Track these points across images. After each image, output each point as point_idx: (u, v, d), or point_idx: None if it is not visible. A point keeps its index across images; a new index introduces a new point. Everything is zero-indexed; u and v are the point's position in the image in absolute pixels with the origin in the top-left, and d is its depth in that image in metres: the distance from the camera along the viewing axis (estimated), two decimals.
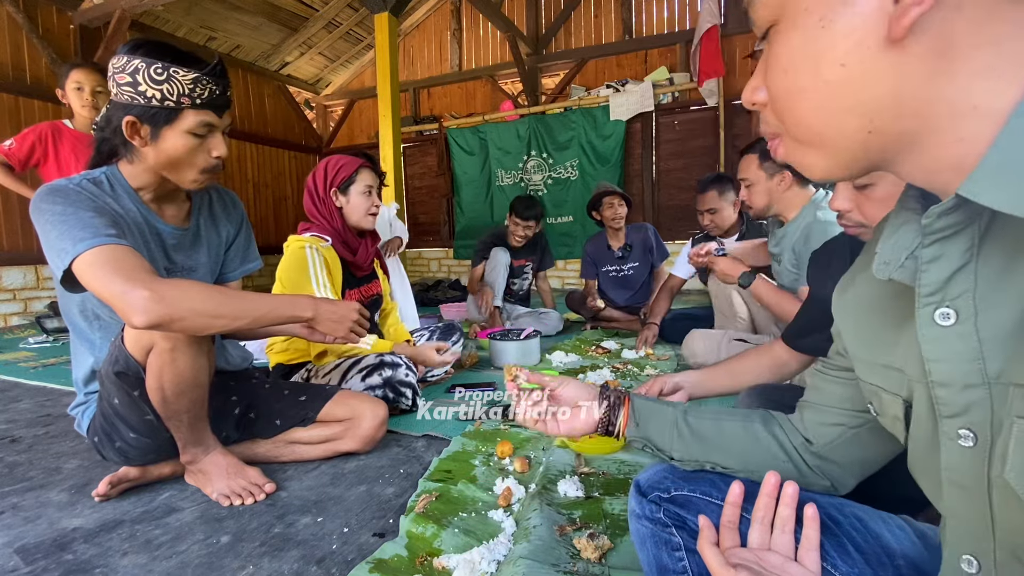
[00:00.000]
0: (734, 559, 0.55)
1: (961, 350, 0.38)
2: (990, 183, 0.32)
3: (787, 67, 0.39)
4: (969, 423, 0.38)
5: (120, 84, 1.07)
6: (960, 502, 0.41)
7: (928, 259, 0.39)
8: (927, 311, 0.40)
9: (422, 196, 7.02)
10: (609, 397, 0.74)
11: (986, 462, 0.38)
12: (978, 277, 0.37)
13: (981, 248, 0.37)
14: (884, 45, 0.34)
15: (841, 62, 0.35)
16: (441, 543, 0.97)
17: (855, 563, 0.57)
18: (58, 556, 0.99)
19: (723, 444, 0.68)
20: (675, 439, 0.69)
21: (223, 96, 1.14)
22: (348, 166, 1.84)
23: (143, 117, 1.09)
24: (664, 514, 0.66)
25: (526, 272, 3.42)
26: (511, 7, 6.53)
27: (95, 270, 0.96)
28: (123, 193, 1.17)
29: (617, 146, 5.75)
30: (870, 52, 0.34)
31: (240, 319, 1.05)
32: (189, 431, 1.18)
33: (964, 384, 0.38)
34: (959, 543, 0.43)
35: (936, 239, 0.38)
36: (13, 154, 2.42)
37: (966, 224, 0.37)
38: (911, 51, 0.33)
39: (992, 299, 0.36)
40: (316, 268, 1.69)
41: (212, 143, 1.15)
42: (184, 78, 1.07)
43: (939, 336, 0.39)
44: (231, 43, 6.14)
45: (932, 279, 0.39)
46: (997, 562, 0.39)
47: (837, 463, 0.63)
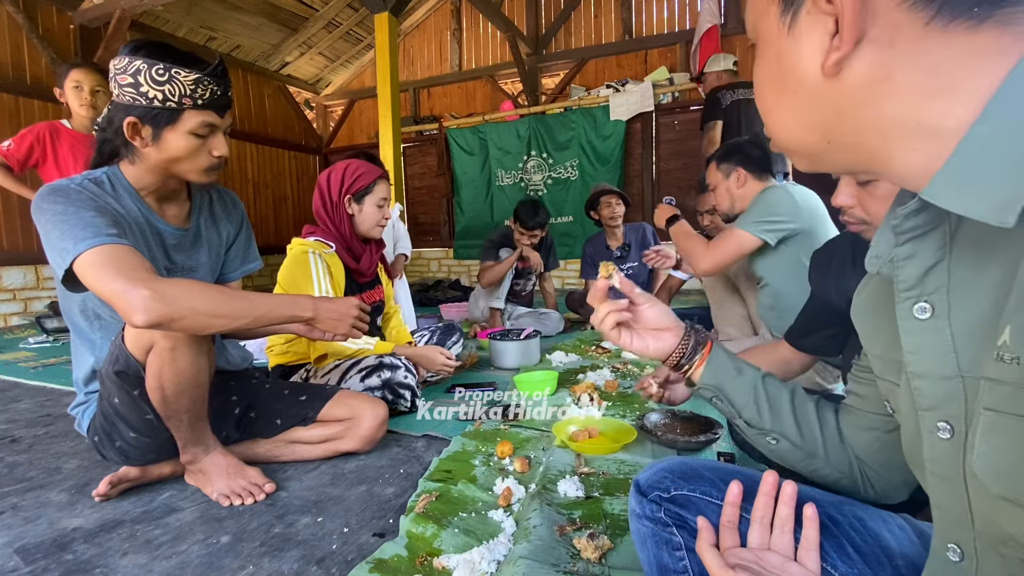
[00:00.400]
0: (733, 559, 0.55)
1: (936, 343, 0.40)
2: (947, 189, 0.35)
3: (760, 88, 0.45)
4: (946, 416, 0.40)
5: (122, 85, 1.07)
6: (942, 493, 0.43)
7: (904, 256, 0.42)
8: (906, 305, 0.43)
9: (422, 196, 7.02)
10: (694, 334, 0.71)
11: (961, 453, 0.39)
12: (951, 274, 0.40)
13: (953, 247, 0.40)
14: (824, 77, 0.38)
15: (793, 90, 0.41)
16: (441, 543, 0.97)
17: (854, 563, 0.57)
18: (58, 556, 0.99)
19: (797, 422, 0.67)
20: (750, 402, 0.68)
21: (224, 96, 1.14)
22: (367, 176, 1.81)
23: (144, 118, 1.09)
24: (665, 514, 0.66)
25: (530, 273, 3.41)
26: (511, 7, 6.53)
27: (96, 269, 0.96)
28: (124, 193, 1.18)
29: (617, 146, 5.75)
30: (814, 83, 0.39)
31: (240, 318, 1.05)
32: (189, 431, 1.18)
33: (939, 376, 0.40)
34: (944, 532, 0.44)
35: (908, 238, 0.42)
36: (11, 155, 2.42)
37: (936, 224, 0.41)
38: (849, 81, 0.38)
39: (964, 295, 0.39)
40: (318, 273, 1.68)
41: (213, 143, 1.15)
42: (186, 79, 1.07)
43: (916, 329, 0.42)
44: (231, 43, 6.14)
45: (908, 275, 0.42)
46: (978, 551, 0.41)
47: (878, 471, 0.63)
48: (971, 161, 0.34)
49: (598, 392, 1.82)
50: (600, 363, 2.34)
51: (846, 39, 0.36)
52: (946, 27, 0.34)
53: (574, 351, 2.60)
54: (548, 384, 1.88)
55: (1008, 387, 0.34)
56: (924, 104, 0.36)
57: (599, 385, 1.94)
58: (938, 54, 0.35)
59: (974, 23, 0.33)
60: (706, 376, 0.70)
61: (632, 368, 2.22)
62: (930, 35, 0.34)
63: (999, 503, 0.35)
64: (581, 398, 1.75)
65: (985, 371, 0.36)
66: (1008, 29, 0.33)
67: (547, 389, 1.87)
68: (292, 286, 1.68)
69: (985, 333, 0.37)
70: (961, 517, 0.41)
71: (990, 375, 0.35)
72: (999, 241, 0.37)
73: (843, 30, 0.36)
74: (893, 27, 0.35)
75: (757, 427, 0.68)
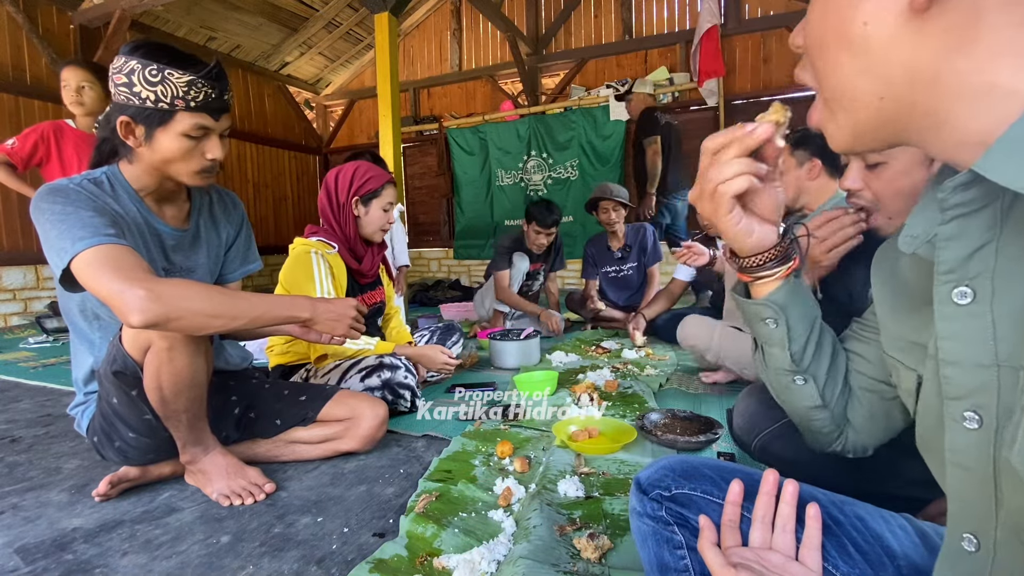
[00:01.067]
0: (735, 559, 0.55)
1: (974, 329, 0.38)
2: (1004, 160, 0.32)
3: (819, 17, 0.40)
4: (975, 405, 0.38)
5: (117, 84, 1.08)
6: (963, 483, 0.41)
7: (947, 236, 0.39)
8: (945, 289, 0.40)
9: (422, 196, 7.02)
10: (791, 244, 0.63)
11: (992, 444, 0.38)
12: (998, 257, 0.37)
13: (1003, 227, 0.37)
14: (907, 13, 0.34)
15: (864, 20, 0.36)
16: (441, 543, 0.97)
17: (856, 563, 0.57)
18: (58, 556, 0.99)
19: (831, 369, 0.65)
20: (804, 333, 0.64)
21: (220, 99, 1.12)
22: (376, 179, 1.82)
23: (137, 118, 1.09)
24: (666, 512, 0.66)
25: (539, 275, 3.41)
26: (511, 7, 6.52)
27: (93, 269, 0.96)
28: (123, 193, 1.17)
29: (617, 146, 5.75)
30: (892, 17, 0.35)
31: (238, 319, 1.05)
32: (188, 431, 1.18)
33: (974, 364, 0.38)
34: (961, 523, 0.43)
35: (956, 215, 0.38)
36: (15, 153, 2.41)
37: (986, 202, 0.37)
38: (934, 23, 0.33)
39: (1011, 280, 0.36)
40: (320, 273, 1.68)
41: (207, 145, 1.14)
42: (179, 80, 1.06)
43: (954, 314, 0.39)
44: (231, 43, 6.13)
45: (950, 256, 0.39)
46: (997, 541, 0.40)
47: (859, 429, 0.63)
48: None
49: (598, 392, 1.82)
50: (600, 363, 2.34)
51: None
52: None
53: (574, 351, 2.60)
54: (548, 384, 1.88)
55: None
56: (1004, 62, 0.32)
57: (599, 385, 1.94)
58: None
59: None
60: (780, 293, 0.64)
61: (632, 368, 2.22)
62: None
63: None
64: (581, 398, 1.75)
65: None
66: None
67: (547, 389, 1.87)
68: (294, 286, 1.68)
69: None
70: (983, 508, 0.40)
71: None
72: None
73: None
74: None
75: (797, 361, 0.65)
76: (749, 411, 1.12)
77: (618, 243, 3.24)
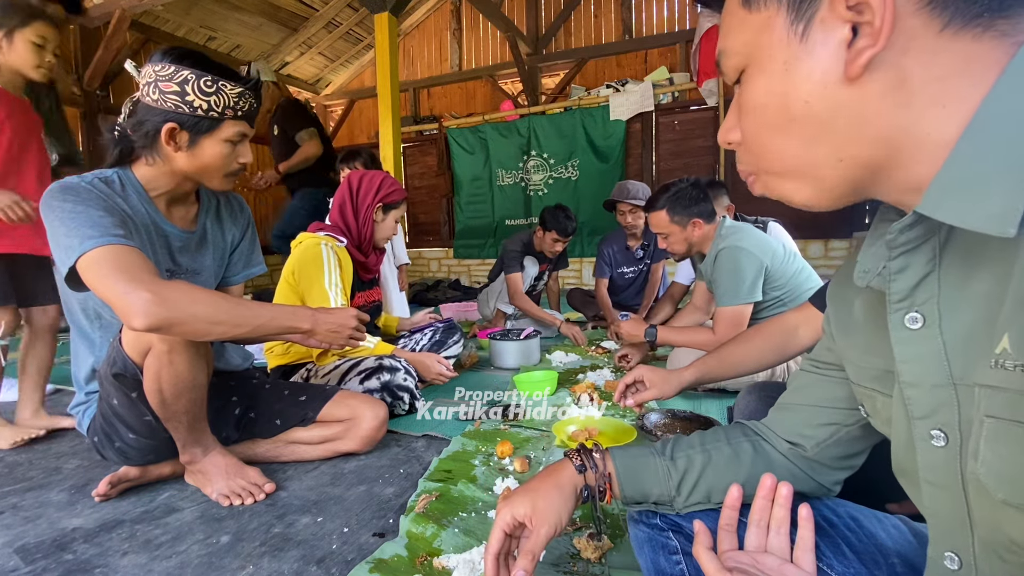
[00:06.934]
0: (730, 562, 0.55)
1: (928, 352, 0.41)
2: (941, 201, 0.36)
3: (757, 107, 0.43)
4: (939, 424, 0.41)
5: (164, 92, 1.09)
6: (938, 501, 0.43)
7: (896, 270, 0.42)
8: (898, 316, 0.43)
9: (422, 196, 7.01)
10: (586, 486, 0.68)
11: (958, 460, 0.39)
12: (941, 284, 0.40)
13: (943, 258, 0.41)
14: (843, 83, 0.38)
15: (805, 100, 0.39)
16: (441, 543, 0.97)
17: (850, 563, 0.57)
18: (58, 556, 0.99)
19: (720, 476, 0.65)
20: (672, 490, 0.66)
21: (257, 109, 1.19)
22: (399, 193, 1.97)
23: (185, 125, 1.11)
24: (661, 519, 0.66)
25: (544, 276, 3.40)
26: (511, 7, 6.52)
27: (99, 269, 0.97)
28: (133, 193, 1.18)
29: (617, 146, 5.74)
30: (831, 90, 0.38)
31: (240, 327, 1.05)
32: (188, 432, 1.19)
33: (932, 384, 0.40)
34: (941, 541, 0.44)
35: (901, 252, 0.42)
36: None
37: (927, 237, 0.41)
38: (869, 87, 0.37)
39: (954, 304, 0.39)
40: (330, 267, 1.73)
41: (241, 150, 1.19)
42: (231, 92, 1.12)
43: (909, 339, 0.42)
44: (231, 43, 6.13)
45: (900, 287, 0.42)
46: (977, 557, 0.41)
47: (826, 464, 0.63)
48: (962, 172, 0.34)
49: (598, 392, 1.82)
50: (600, 363, 2.35)
51: (883, 33, 0.35)
52: (956, 34, 0.34)
53: (574, 351, 2.60)
54: (548, 384, 1.89)
55: (1010, 394, 0.34)
56: (931, 113, 0.36)
57: (599, 385, 1.95)
58: (947, 62, 0.35)
59: (979, 31, 0.34)
60: (622, 500, 0.69)
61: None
62: (942, 43, 0.35)
63: (1004, 509, 0.35)
64: (581, 398, 1.75)
65: (980, 378, 0.36)
66: (1004, 40, 0.33)
67: (547, 389, 1.87)
68: (304, 277, 1.73)
69: (977, 341, 0.37)
70: (959, 524, 0.41)
71: (987, 382, 0.35)
72: (987, 251, 0.37)
73: (877, 24, 0.35)
74: (909, 34, 0.35)
75: (692, 505, 0.66)
76: (749, 410, 1.12)
77: (637, 241, 3.17)
